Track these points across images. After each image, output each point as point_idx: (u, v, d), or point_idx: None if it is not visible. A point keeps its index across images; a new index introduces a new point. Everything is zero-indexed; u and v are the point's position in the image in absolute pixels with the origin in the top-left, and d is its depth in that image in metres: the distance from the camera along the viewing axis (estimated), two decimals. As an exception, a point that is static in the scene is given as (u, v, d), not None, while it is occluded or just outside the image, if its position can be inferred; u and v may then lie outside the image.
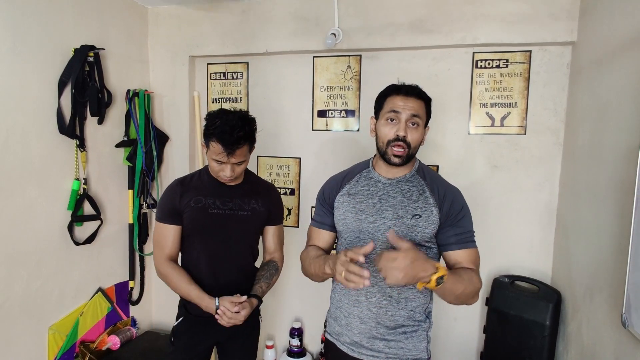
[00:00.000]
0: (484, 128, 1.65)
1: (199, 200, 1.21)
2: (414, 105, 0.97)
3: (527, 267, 1.63)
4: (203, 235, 1.21)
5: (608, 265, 1.15)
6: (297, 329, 1.85)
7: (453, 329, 1.74)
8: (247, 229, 1.25)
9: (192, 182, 1.25)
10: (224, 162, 1.13)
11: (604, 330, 1.15)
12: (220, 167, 1.15)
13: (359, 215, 1.03)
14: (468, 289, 0.92)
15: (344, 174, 1.13)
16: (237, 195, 1.24)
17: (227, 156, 1.11)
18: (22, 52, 1.31)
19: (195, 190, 1.22)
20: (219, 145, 1.10)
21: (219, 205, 1.21)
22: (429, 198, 1.00)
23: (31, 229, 1.37)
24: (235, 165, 1.15)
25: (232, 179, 1.19)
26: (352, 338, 1.05)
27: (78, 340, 1.56)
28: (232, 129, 1.09)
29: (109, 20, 1.67)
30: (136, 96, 1.76)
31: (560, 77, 1.55)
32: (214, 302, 1.14)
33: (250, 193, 1.26)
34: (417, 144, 0.99)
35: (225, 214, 1.21)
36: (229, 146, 1.10)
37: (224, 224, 1.21)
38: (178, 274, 1.19)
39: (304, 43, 1.72)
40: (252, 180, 1.31)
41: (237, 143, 1.10)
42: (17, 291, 1.33)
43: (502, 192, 1.64)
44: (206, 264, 1.22)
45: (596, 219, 1.24)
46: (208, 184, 1.24)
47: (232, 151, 1.11)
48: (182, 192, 1.21)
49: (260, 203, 1.26)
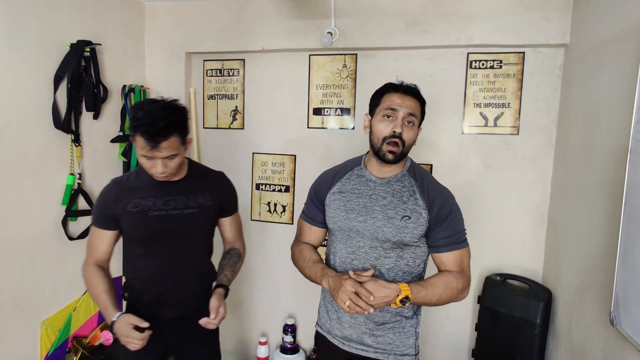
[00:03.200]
0: (478, 128, 1.66)
1: (137, 203, 1.08)
2: (411, 104, 0.99)
3: (519, 266, 1.65)
4: (147, 241, 1.10)
5: (598, 265, 1.16)
6: (291, 325, 1.86)
7: (445, 327, 1.76)
8: (196, 227, 1.14)
9: (129, 183, 1.12)
10: (151, 157, 1.00)
11: (593, 328, 1.17)
12: (150, 163, 1.02)
13: (349, 214, 1.04)
14: (445, 294, 0.98)
15: (335, 170, 1.13)
16: (180, 192, 1.12)
17: (152, 150, 0.99)
18: (18, 46, 1.30)
19: (133, 192, 1.10)
20: (142, 138, 0.98)
21: (160, 206, 1.09)
22: (419, 200, 1.01)
23: (25, 223, 1.36)
24: (166, 160, 1.02)
25: (167, 176, 1.06)
26: (342, 332, 1.07)
27: (71, 336, 1.55)
28: (153, 120, 0.97)
29: (106, 16, 1.67)
30: (132, 92, 1.76)
31: (552, 78, 1.57)
32: (112, 316, 1.03)
33: (196, 187, 1.14)
34: (411, 143, 1.01)
35: (168, 215, 1.09)
36: (152, 139, 0.97)
37: (169, 227, 1.10)
38: (97, 279, 1.09)
39: (300, 41, 1.73)
40: (197, 172, 1.18)
41: (160, 135, 0.97)
42: (10, 286, 1.33)
43: (495, 191, 1.66)
44: (155, 272, 1.12)
45: (587, 218, 1.26)
46: (147, 183, 1.10)
47: (156, 144, 0.98)
48: (117, 196, 1.09)
49: (208, 197, 1.15)
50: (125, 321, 1.02)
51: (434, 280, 0.99)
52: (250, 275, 1.97)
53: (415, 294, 0.94)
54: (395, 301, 0.92)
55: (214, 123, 1.96)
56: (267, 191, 1.92)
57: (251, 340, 2.00)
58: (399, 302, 0.92)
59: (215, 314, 1.06)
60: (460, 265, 1.02)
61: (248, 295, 1.99)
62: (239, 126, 1.93)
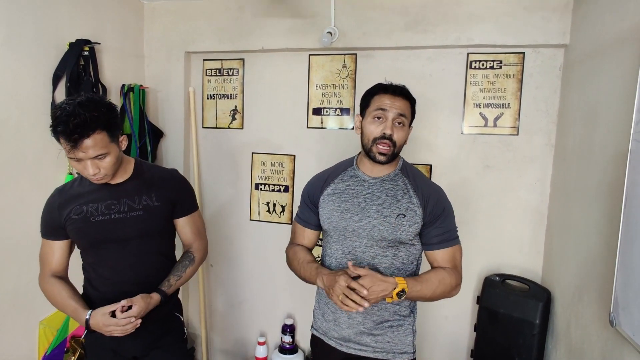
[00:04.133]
0: (477, 128, 1.66)
1: (79, 210, 1.04)
2: (400, 104, 1.00)
3: (518, 266, 1.65)
4: (94, 248, 1.06)
5: (597, 265, 1.16)
6: (289, 325, 1.86)
7: (443, 327, 1.76)
8: (142, 231, 1.07)
9: (72, 190, 1.07)
10: (78, 158, 0.93)
11: (592, 329, 1.17)
12: (80, 166, 0.95)
13: (344, 214, 1.05)
14: (439, 289, 0.99)
15: (327, 172, 1.14)
16: (124, 194, 1.06)
17: (73, 150, 0.91)
18: (16, 45, 1.30)
19: (75, 199, 1.05)
20: (61, 138, 0.91)
21: (103, 210, 1.04)
22: (413, 197, 1.02)
23: (23, 223, 1.36)
24: (96, 161, 0.95)
25: (103, 177, 0.99)
26: (340, 333, 1.07)
27: (69, 336, 1.55)
28: (68, 118, 0.89)
29: (105, 15, 1.66)
30: (131, 91, 1.76)
31: (552, 79, 1.57)
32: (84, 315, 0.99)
33: (141, 188, 1.08)
34: (402, 143, 1.02)
35: (111, 220, 1.04)
36: (69, 138, 0.90)
37: (113, 232, 1.04)
38: (57, 288, 1.05)
39: (300, 41, 1.73)
40: (143, 173, 1.11)
41: (76, 132, 0.89)
42: (8, 285, 1.32)
43: (494, 191, 1.66)
44: (109, 280, 1.07)
45: (586, 219, 1.26)
46: (90, 188, 1.06)
47: (76, 144, 0.90)
48: (60, 204, 1.05)
49: (154, 197, 1.08)
50: (100, 313, 0.98)
51: (428, 276, 1.00)
52: (249, 275, 1.97)
53: (411, 288, 0.95)
54: (391, 295, 0.93)
55: (213, 123, 1.95)
56: (266, 191, 1.92)
57: (250, 340, 2.00)
58: (395, 296, 0.93)
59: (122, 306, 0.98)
60: (453, 262, 1.03)
61: (247, 295, 1.99)
62: (238, 126, 1.92)
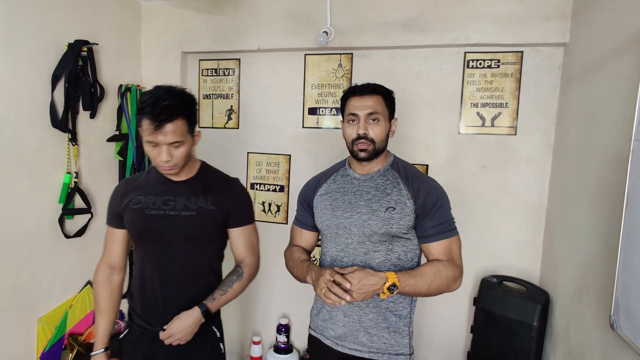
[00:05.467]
0: (475, 128, 1.64)
1: (137, 200, 1.05)
2: (369, 103, 1.01)
3: (515, 268, 1.63)
4: (143, 241, 1.07)
5: (597, 267, 1.14)
6: (284, 325, 1.86)
7: (439, 328, 1.74)
8: (190, 232, 1.04)
9: (138, 181, 1.10)
10: (157, 142, 0.96)
11: (592, 332, 1.15)
12: (155, 151, 0.98)
13: (335, 212, 1.06)
14: (435, 282, 0.97)
15: (321, 174, 1.17)
16: (182, 192, 1.06)
17: (156, 132, 0.94)
18: (16, 46, 1.32)
19: (138, 190, 1.08)
20: (146, 120, 0.94)
21: (159, 205, 1.04)
22: (403, 190, 1.02)
23: (22, 221, 1.38)
24: (171, 148, 0.97)
25: (173, 168, 1.00)
26: (336, 332, 1.07)
27: (67, 333, 1.57)
28: (157, 100, 0.94)
29: (103, 16, 1.68)
30: (128, 91, 1.77)
31: (551, 78, 1.55)
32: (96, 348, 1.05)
33: (200, 189, 1.07)
34: (382, 138, 1.02)
35: (164, 215, 1.03)
36: (155, 118, 0.93)
37: (162, 228, 1.03)
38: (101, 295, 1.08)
39: (295, 40, 1.72)
40: (206, 175, 1.12)
41: (163, 114, 0.93)
42: (7, 283, 1.34)
43: (491, 192, 1.64)
44: (151, 279, 1.06)
45: (585, 220, 1.24)
46: (153, 181, 1.08)
47: (160, 125, 0.93)
48: (124, 192, 1.08)
49: (210, 201, 1.06)
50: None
51: (422, 269, 0.98)
52: (246, 275, 1.97)
53: (403, 282, 0.93)
54: (383, 290, 0.91)
55: (209, 122, 1.96)
56: (261, 191, 1.92)
57: (245, 339, 2.01)
58: (386, 291, 0.91)
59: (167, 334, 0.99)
60: (449, 254, 1.01)
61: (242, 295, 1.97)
62: (234, 126, 1.93)
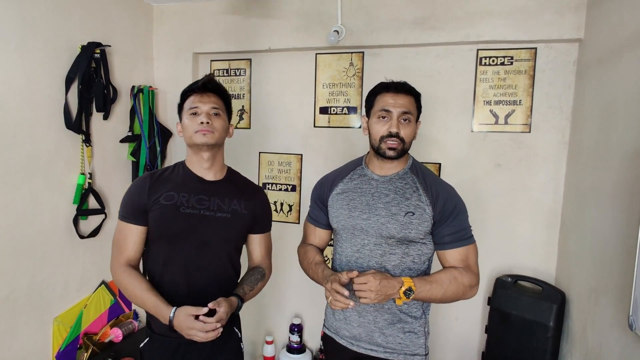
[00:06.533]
0: (488, 126, 1.63)
1: (170, 196, 1.01)
2: (404, 102, 0.99)
3: (530, 267, 1.61)
4: (173, 239, 1.01)
5: (614, 266, 1.12)
6: (297, 325, 1.86)
7: (454, 329, 1.73)
8: (225, 234, 1.05)
9: (165, 175, 1.05)
10: (198, 108, 1.00)
11: (610, 332, 1.13)
12: (194, 121, 1.00)
13: (352, 212, 1.05)
14: (450, 289, 0.97)
15: (336, 172, 1.15)
16: (216, 192, 1.06)
17: (200, 97, 1.00)
18: (30, 48, 1.33)
19: (167, 184, 1.03)
20: (192, 93, 1.02)
21: (193, 203, 1.02)
22: (422, 196, 1.01)
23: (37, 222, 1.39)
24: (211, 115, 1.01)
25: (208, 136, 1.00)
26: (351, 331, 1.07)
27: (82, 332, 1.58)
28: (201, 79, 1.05)
29: (115, 18, 1.69)
30: (140, 92, 1.78)
31: (566, 74, 1.53)
32: (169, 312, 0.93)
33: (233, 192, 1.08)
34: (410, 139, 1.01)
35: (200, 215, 1.01)
36: (201, 87, 1.02)
37: (198, 227, 1.01)
38: (135, 279, 0.99)
39: (306, 40, 1.72)
40: (236, 179, 1.13)
41: (209, 85, 1.03)
42: (23, 283, 1.36)
43: (505, 190, 1.62)
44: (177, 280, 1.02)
45: (602, 219, 1.22)
46: (184, 177, 1.05)
47: (204, 92, 1.01)
48: (150, 186, 1.02)
49: (243, 205, 1.07)
50: (185, 313, 0.92)
51: (438, 276, 0.98)
52: (257, 275, 1.98)
53: (419, 288, 0.93)
54: (399, 294, 0.92)
55: (221, 123, 1.97)
56: (273, 190, 1.92)
57: (258, 339, 2.01)
58: (402, 294, 0.92)
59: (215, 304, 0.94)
60: (465, 262, 1.00)
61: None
62: (245, 125, 1.93)
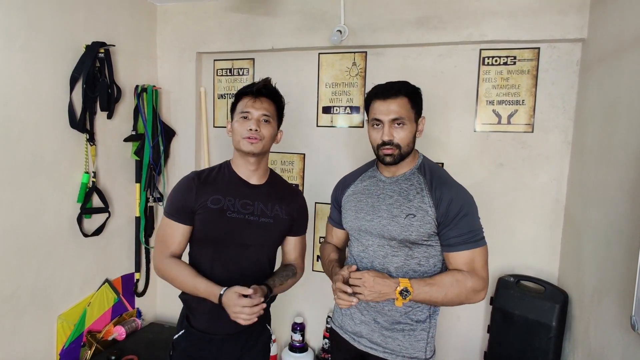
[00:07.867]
0: (491, 126, 1.63)
1: (217, 200, 1.03)
2: (394, 107, 0.98)
3: (533, 267, 1.60)
4: (218, 244, 1.04)
5: (617, 267, 1.12)
6: (299, 324, 1.86)
7: (456, 328, 1.73)
8: (266, 239, 1.08)
9: (211, 177, 1.07)
10: (250, 113, 1.02)
11: (613, 332, 1.13)
12: (244, 125, 1.02)
13: (358, 213, 1.07)
14: (452, 292, 0.94)
15: (351, 173, 1.18)
16: (260, 196, 1.07)
17: (252, 102, 1.03)
18: (35, 48, 1.34)
19: (214, 187, 1.05)
20: (244, 95, 1.05)
21: (238, 208, 1.04)
22: (426, 197, 1.00)
23: (41, 220, 1.40)
24: (261, 122, 1.03)
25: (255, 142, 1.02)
26: (354, 328, 1.09)
27: (85, 330, 1.59)
28: (255, 84, 1.07)
29: (119, 18, 1.70)
30: (144, 92, 1.79)
31: (569, 74, 1.52)
32: (219, 291, 0.96)
33: (274, 196, 1.09)
34: (407, 142, 1.00)
35: (244, 220, 1.04)
36: (255, 92, 1.04)
37: (242, 232, 1.04)
38: (184, 268, 1.02)
39: (309, 40, 1.73)
40: (276, 181, 1.14)
41: (263, 91, 1.05)
42: (27, 281, 1.37)
43: (508, 190, 1.62)
44: (220, 276, 1.03)
45: (606, 219, 1.22)
46: (229, 180, 1.07)
47: (258, 97, 1.03)
48: (198, 188, 1.04)
49: (284, 210, 1.09)
50: (234, 291, 0.94)
51: (439, 278, 0.96)
52: (259, 274, 1.98)
53: (416, 289, 0.92)
54: (395, 295, 0.91)
55: (224, 122, 1.97)
56: (276, 190, 1.93)
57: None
58: (398, 295, 0.91)
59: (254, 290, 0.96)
60: (471, 265, 0.98)
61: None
62: (248, 125, 1.94)
